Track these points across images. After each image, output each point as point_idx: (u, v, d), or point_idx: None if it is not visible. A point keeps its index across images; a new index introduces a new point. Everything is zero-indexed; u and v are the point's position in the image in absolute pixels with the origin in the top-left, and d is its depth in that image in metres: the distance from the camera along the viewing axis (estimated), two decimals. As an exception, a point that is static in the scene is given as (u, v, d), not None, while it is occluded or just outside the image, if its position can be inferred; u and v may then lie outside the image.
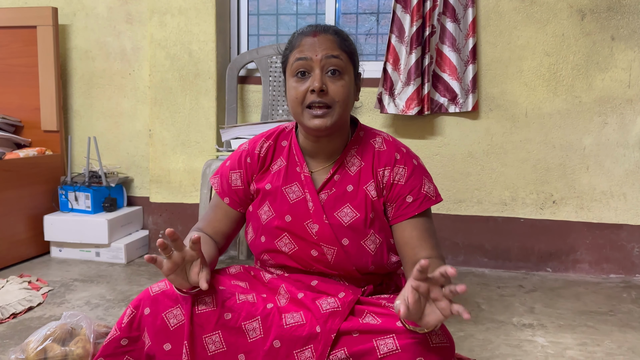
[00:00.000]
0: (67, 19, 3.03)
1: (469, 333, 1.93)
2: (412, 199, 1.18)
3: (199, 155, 2.83)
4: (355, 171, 1.22)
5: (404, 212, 1.18)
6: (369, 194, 1.20)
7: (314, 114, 1.14)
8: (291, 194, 1.22)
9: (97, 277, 2.51)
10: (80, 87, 3.07)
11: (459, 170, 2.74)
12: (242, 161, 1.29)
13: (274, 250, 1.21)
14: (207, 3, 2.75)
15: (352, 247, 1.17)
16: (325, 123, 1.14)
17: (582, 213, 2.67)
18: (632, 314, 2.16)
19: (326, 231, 1.18)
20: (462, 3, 2.59)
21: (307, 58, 1.14)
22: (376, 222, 1.19)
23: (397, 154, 1.22)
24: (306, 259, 1.19)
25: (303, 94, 1.15)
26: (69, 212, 2.82)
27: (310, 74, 1.15)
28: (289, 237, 1.20)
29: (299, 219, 1.20)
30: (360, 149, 1.24)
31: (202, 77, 2.79)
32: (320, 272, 1.20)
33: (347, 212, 1.19)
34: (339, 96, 1.15)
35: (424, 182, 1.21)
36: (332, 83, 1.14)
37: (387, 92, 2.66)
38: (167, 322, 1.10)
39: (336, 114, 1.15)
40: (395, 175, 1.20)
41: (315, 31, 1.18)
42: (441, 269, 0.87)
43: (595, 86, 2.60)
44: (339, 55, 1.15)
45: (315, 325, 1.08)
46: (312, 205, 1.19)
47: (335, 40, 1.17)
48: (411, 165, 1.22)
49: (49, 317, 2.01)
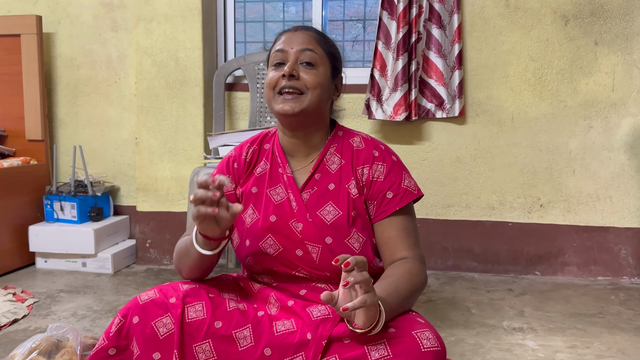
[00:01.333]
0: (52, 27, 3.00)
1: (459, 338, 1.93)
2: (392, 194, 1.19)
3: (186, 163, 2.81)
4: (336, 169, 1.23)
5: (385, 209, 1.18)
6: (351, 192, 1.20)
7: (284, 98, 1.17)
8: (275, 195, 1.23)
9: (84, 288, 2.47)
10: (66, 96, 3.04)
11: (447, 175, 2.75)
12: (230, 167, 1.29)
13: (259, 253, 1.21)
14: (193, 10, 2.74)
15: (336, 245, 1.17)
16: (293, 108, 1.16)
17: (570, 216, 2.69)
18: (620, 316, 2.17)
19: (310, 229, 1.17)
20: (448, 9, 2.61)
21: (284, 50, 1.19)
22: (358, 221, 1.19)
23: (375, 151, 1.23)
24: (291, 259, 1.19)
25: (276, 80, 1.19)
26: (55, 222, 2.78)
27: (285, 64, 1.19)
28: (273, 239, 1.19)
29: (283, 219, 1.20)
30: (339, 148, 1.25)
31: (189, 85, 2.78)
32: (306, 276, 1.19)
33: (330, 210, 1.19)
34: (310, 83, 1.17)
35: (403, 176, 1.22)
36: (305, 72, 1.18)
37: (375, 98, 2.66)
38: (156, 330, 1.09)
39: (307, 100, 1.17)
40: (375, 172, 1.21)
41: (296, 28, 1.24)
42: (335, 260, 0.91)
43: (580, 90, 2.63)
44: (314, 49, 1.19)
45: (306, 332, 1.07)
46: (296, 204, 1.20)
47: (313, 36, 1.21)
48: (390, 161, 1.22)
49: (34, 330, 1.98)
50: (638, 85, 2.59)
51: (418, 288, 1.12)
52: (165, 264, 2.89)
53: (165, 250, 2.89)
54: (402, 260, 1.14)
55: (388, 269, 1.14)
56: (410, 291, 1.08)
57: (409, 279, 1.09)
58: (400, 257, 1.15)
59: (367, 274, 0.92)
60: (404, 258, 1.15)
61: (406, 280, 1.08)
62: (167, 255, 2.89)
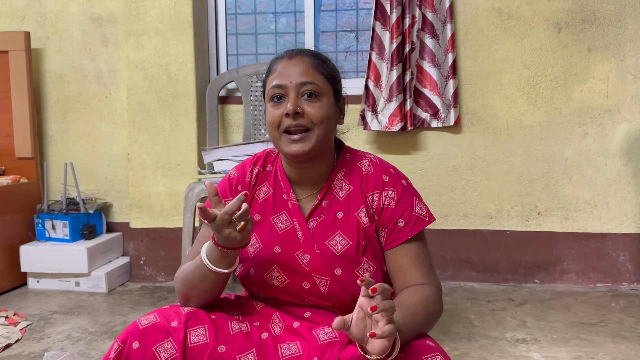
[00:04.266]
0: (40, 43, 2.96)
1: (463, 351, 1.90)
2: (403, 222, 1.14)
3: (180, 178, 2.77)
4: (344, 196, 1.17)
5: (397, 237, 1.14)
6: (361, 220, 1.15)
7: (291, 138, 1.10)
8: (280, 223, 1.17)
9: (78, 308, 2.42)
10: (56, 112, 3.00)
11: (444, 185, 2.73)
12: (233, 189, 1.22)
13: (264, 284, 1.16)
14: (184, 24, 2.71)
15: (346, 276, 1.12)
16: (303, 148, 1.10)
17: (567, 223, 2.68)
18: (622, 324, 2.16)
19: (318, 261, 1.12)
20: (441, 19, 2.61)
21: (282, 86, 1.10)
22: (369, 249, 1.14)
23: (385, 176, 1.17)
24: (298, 292, 1.14)
25: (279, 118, 1.11)
26: (46, 241, 2.73)
27: (285, 97, 1.11)
28: (278, 270, 1.14)
29: (289, 250, 1.14)
30: (347, 173, 1.19)
31: (181, 99, 2.75)
32: (313, 305, 1.15)
33: (339, 240, 1.14)
34: (316, 118, 1.10)
35: (414, 203, 1.16)
36: (308, 105, 1.10)
37: (370, 108, 2.65)
38: (157, 356, 1.05)
39: (315, 137, 1.10)
40: (385, 198, 1.15)
41: (291, 54, 1.14)
42: (361, 280, 0.87)
43: (574, 97, 2.63)
44: (314, 80, 1.11)
45: (312, 356, 1.04)
46: (302, 234, 1.14)
47: (310, 63, 1.13)
48: (400, 186, 1.17)
49: (28, 355, 1.92)
50: (632, 91, 2.60)
51: (434, 317, 1.08)
52: (160, 281, 2.84)
53: (160, 267, 2.84)
54: (419, 286, 1.10)
55: (404, 292, 1.10)
56: (427, 320, 1.05)
57: (426, 307, 1.05)
58: (413, 285, 1.11)
59: (393, 302, 0.88)
60: (418, 285, 1.11)
61: (423, 308, 1.05)
62: (161, 272, 2.84)
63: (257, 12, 3.04)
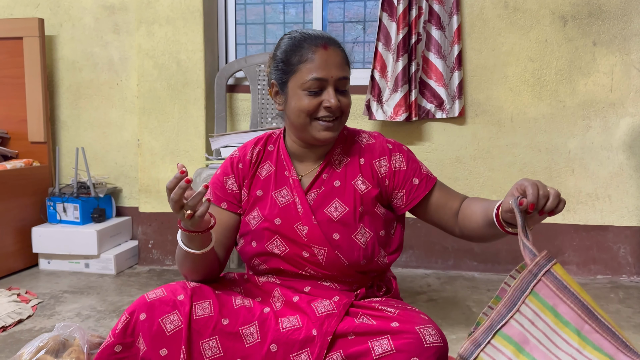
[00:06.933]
0: (54, 30, 3.02)
1: (461, 336, 1.95)
2: (418, 181, 1.25)
3: (188, 164, 2.83)
4: (342, 167, 1.26)
5: (416, 195, 1.24)
6: (357, 188, 1.23)
7: (325, 125, 1.19)
8: (280, 198, 1.24)
9: (87, 289, 2.49)
10: (68, 98, 3.06)
11: (448, 175, 2.77)
12: (235, 167, 1.29)
13: (266, 254, 1.22)
14: (194, 13, 2.76)
15: (343, 241, 1.19)
16: (333, 134, 1.21)
17: (569, 215, 2.71)
18: (620, 314, 2.19)
19: (315, 232, 1.19)
20: (447, 11, 2.64)
21: (323, 79, 1.17)
22: (366, 217, 1.22)
23: (388, 144, 1.29)
24: (298, 260, 1.20)
25: (315, 107, 1.18)
26: (58, 223, 2.80)
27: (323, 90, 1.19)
28: (280, 240, 1.21)
29: (288, 222, 1.21)
30: (345, 147, 1.29)
31: (190, 86, 2.80)
32: (312, 274, 1.21)
33: (336, 206, 1.21)
34: (346, 107, 1.22)
35: (420, 164, 1.29)
36: (341, 96, 1.20)
37: (375, 99, 2.68)
38: (163, 327, 1.10)
39: (340, 124, 1.22)
40: (395, 162, 1.26)
41: (325, 43, 1.20)
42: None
43: (578, 91, 2.65)
44: (347, 74, 1.21)
45: (311, 328, 1.09)
46: (301, 207, 1.21)
47: (343, 57, 1.22)
48: (405, 151, 1.29)
49: (39, 330, 1.99)
50: (636, 85, 2.62)
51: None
52: (167, 265, 2.90)
53: (167, 251, 2.91)
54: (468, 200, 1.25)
55: (464, 207, 1.22)
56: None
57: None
58: (457, 206, 1.25)
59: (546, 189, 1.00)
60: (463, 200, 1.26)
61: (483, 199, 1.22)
62: (169, 255, 2.91)
63: (267, 2, 3.07)
